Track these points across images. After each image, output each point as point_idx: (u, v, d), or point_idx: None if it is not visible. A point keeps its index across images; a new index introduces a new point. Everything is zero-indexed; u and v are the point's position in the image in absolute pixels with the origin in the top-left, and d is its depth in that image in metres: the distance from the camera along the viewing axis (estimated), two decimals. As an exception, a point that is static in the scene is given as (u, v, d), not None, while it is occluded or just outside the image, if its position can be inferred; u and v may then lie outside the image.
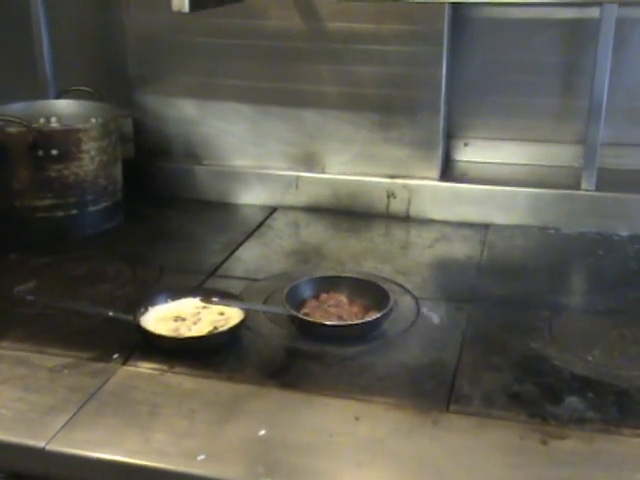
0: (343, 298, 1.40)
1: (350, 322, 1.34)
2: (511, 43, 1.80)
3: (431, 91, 1.75)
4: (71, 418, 1.12)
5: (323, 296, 1.41)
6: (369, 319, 1.33)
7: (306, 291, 1.41)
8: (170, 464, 1.04)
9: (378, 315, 1.33)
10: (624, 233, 1.72)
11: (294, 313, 1.33)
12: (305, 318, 1.33)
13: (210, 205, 1.93)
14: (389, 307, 1.34)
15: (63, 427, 1.10)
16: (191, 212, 1.89)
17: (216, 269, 1.59)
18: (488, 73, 1.84)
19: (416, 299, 1.44)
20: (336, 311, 1.36)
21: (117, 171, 1.80)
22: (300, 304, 1.38)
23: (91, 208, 1.74)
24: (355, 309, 1.37)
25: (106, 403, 1.16)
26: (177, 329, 1.30)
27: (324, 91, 1.81)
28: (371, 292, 1.40)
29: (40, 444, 1.07)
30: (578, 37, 1.75)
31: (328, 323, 1.33)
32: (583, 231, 1.74)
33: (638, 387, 1.19)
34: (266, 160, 1.90)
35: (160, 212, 1.89)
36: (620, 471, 1.02)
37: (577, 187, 1.75)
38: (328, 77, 1.79)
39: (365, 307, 1.38)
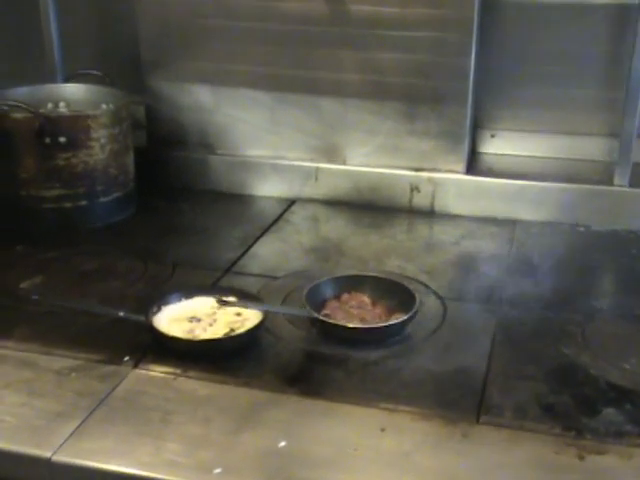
0: (366, 299, 1.33)
1: (374, 325, 1.27)
2: (543, 31, 1.72)
3: (459, 80, 1.67)
4: (79, 426, 1.06)
5: (345, 296, 1.34)
6: (394, 322, 1.26)
7: (327, 291, 1.35)
8: (184, 477, 0.98)
9: (404, 317, 1.26)
10: (657, 231, 1.66)
11: (315, 315, 1.27)
12: (327, 320, 1.26)
13: (225, 197, 1.86)
14: (415, 309, 1.27)
15: (71, 435, 1.04)
16: (205, 204, 1.82)
17: (232, 265, 1.52)
18: (517, 62, 1.76)
19: (442, 300, 1.38)
20: (358, 312, 1.29)
21: (129, 160, 1.73)
22: (321, 305, 1.32)
23: (101, 199, 1.67)
24: (378, 311, 1.31)
25: (116, 409, 1.10)
26: (192, 330, 1.24)
27: (346, 79, 1.73)
28: (395, 293, 1.33)
29: (46, 454, 1.01)
30: (614, 25, 1.67)
31: (351, 326, 1.26)
32: (615, 229, 1.67)
33: (678, 398, 1.12)
34: (284, 150, 1.83)
35: (173, 204, 1.82)
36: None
37: (610, 183, 1.68)
38: (350, 64, 1.71)
39: (389, 308, 1.31)
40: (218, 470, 0.99)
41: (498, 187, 1.73)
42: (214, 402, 1.11)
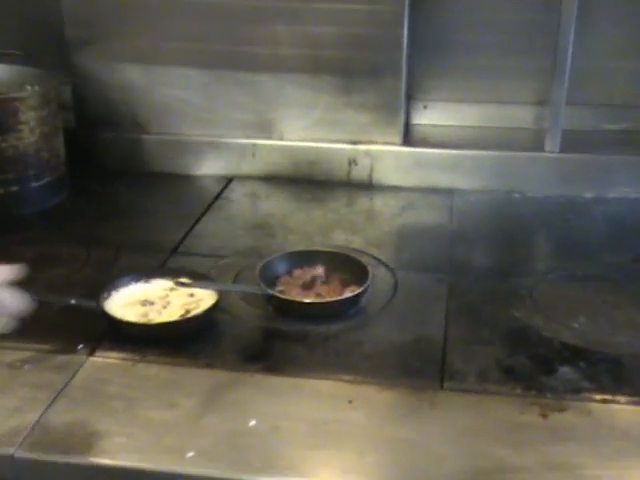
0: (319, 273, 1.33)
1: (331, 299, 1.27)
2: (472, 1, 1.74)
3: (393, 52, 1.68)
4: (39, 420, 1.02)
5: (297, 272, 1.33)
6: (350, 295, 1.26)
7: (280, 267, 1.34)
8: (156, 464, 0.96)
9: (359, 290, 1.26)
10: (588, 195, 1.70)
11: (272, 292, 1.26)
12: (284, 297, 1.26)
13: (161, 177, 1.81)
14: (369, 281, 1.28)
15: (31, 430, 1.00)
16: (141, 185, 1.78)
17: (177, 246, 1.49)
18: (447, 32, 1.77)
19: (392, 271, 1.38)
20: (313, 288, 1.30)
21: (59, 143, 1.67)
22: (274, 281, 1.31)
23: (33, 184, 1.61)
24: (333, 285, 1.30)
25: (76, 400, 1.06)
26: (146, 314, 1.21)
27: (281, 53, 1.71)
28: (347, 266, 1.33)
29: (8, 451, 0.97)
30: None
31: (307, 301, 1.26)
32: (549, 194, 1.71)
33: (627, 353, 1.17)
34: (220, 128, 1.79)
35: (107, 186, 1.76)
36: (622, 442, 0.99)
37: (541, 149, 1.72)
38: (285, 39, 1.69)
39: (343, 282, 1.31)
40: (191, 454, 0.97)
41: (434, 157, 1.75)
42: (177, 386, 1.09)
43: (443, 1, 1.76)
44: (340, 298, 1.27)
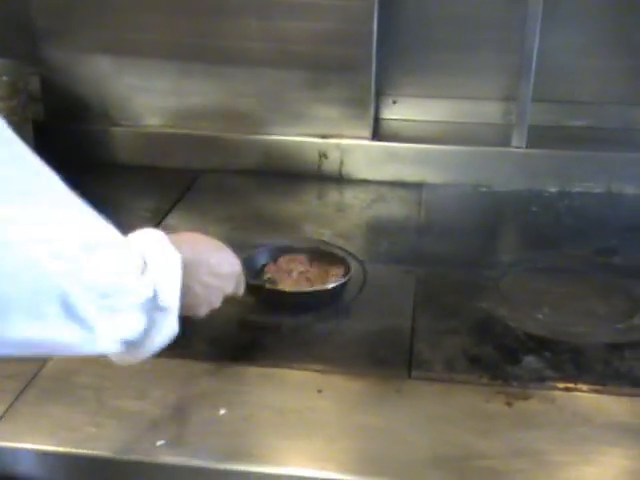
0: (303, 261, 1.35)
1: (318, 288, 1.28)
2: (440, -3, 1.77)
3: (362, 47, 1.69)
4: (8, 410, 1.02)
5: (280, 260, 1.35)
6: (337, 283, 1.28)
7: (260, 260, 1.35)
8: (127, 453, 0.97)
9: (343, 280, 1.28)
10: (553, 189, 1.73)
11: (265, 282, 1.28)
12: (275, 288, 1.27)
13: (130, 169, 1.81)
14: (350, 273, 1.30)
15: (1, 420, 1.00)
16: (110, 177, 1.77)
17: (147, 239, 1.49)
18: (416, 28, 1.79)
19: (361, 263, 1.40)
20: (299, 276, 1.31)
21: (29, 134, 1.66)
22: (256, 273, 1.32)
23: (2, 176, 1.60)
24: (318, 271, 1.33)
25: (47, 390, 1.07)
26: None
27: (251, 47, 1.71)
28: (326, 258, 1.35)
29: (-21, 440, 0.98)
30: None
31: (290, 290, 1.27)
32: (515, 188, 1.74)
33: (590, 343, 1.19)
34: (190, 120, 1.80)
35: (76, 178, 1.73)
36: (584, 428, 1.02)
37: (508, 144, 1.74)
38: (255, 33, 1.69)
39: (326, 271, 1.33)
40: (161, 442, 0.98)
41: (403, 152, 1.77)
42: (148, 376, 1.09)
43: (413, -2, 1.79)
44: (331, 286, 1.28)
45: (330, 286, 1.28)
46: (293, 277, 1.31)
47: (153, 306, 0.86)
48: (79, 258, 0.75)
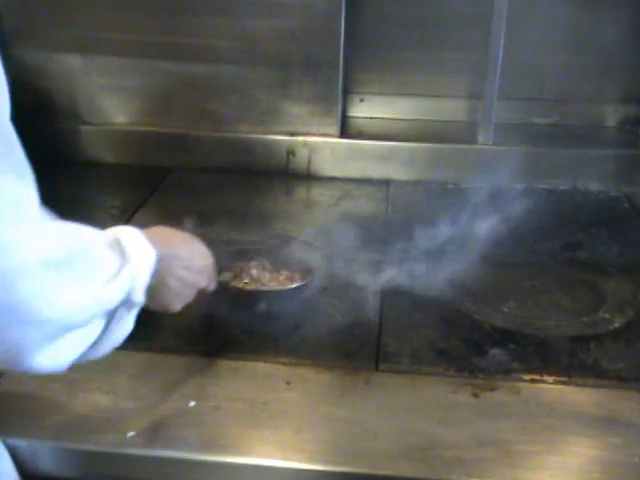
0: (263, 264, 1.34)
1: (276, 288, 1.28)
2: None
3: (330, 45, 1.71)
4: (-23, 402, 1.03)
5: (244, 264, 1.34)
6: (299, 284, 1.28)
7: (224, 257, 1.35)
8: (98, 444, 0.98)
9: (302, 283, 1.28)
10: (520, 186, 1.75)
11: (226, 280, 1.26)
12: (238, 286, 1.26)
13: (99, 167, 1.81)
14: (312, 273, 1.30)
15: (-30, 413, 1.01)
16: (78, 175, 1.77)
17: (116, 235, 1.49)
18: (384, 27, 1.81)
19: (329, 258, 1.40)
20: (259, 275, 1.31)
21: (-5, 132, 1.65)
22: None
23: (-32, 173, 1.59)
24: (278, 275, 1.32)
25: (17, 383, 1.07)
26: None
27: (218, 46, 1.72)
28: (292, 258, 1.35)
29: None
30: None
31: (255, 290, 1.27)
32: (481, 185, 1.75)
33: (554, 335, 1.21)
34: (158, 118, 1.80)
35: (44, 176, 1.72)
36: (549, 419, 1.04)
37: (474, 141, 1.77)
38: (222, 31, 1.71)
39: (287, 276, 1.32)
40: (131, 433, 0.99)
41: (371, 149, 1.79)
42: (118, 369, 1.10)
43: (379, -4, 1.80)
44: (284, 288, 1.27)
45: (287, 287, 1.28)
46: (253, 276, 1.31)
47: (124, 301, 0.86)
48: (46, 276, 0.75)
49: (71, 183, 1.73)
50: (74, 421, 1.00)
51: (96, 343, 0.86)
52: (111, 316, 0.86)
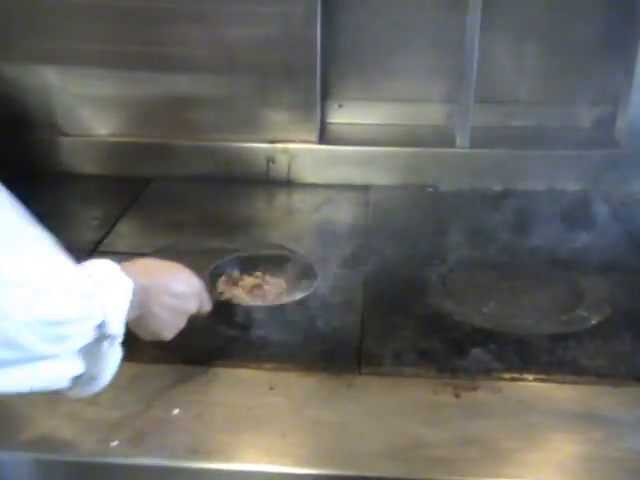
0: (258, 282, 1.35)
1: (275, 304, 1.29)
2: (383, 1, 1.79)
3: (307, 52, 1.72)
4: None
5: (241, 276, 1.36)
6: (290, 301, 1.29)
7: (217, 269, 1.35)
8: (81, 454, 0.98)
9: (302, 295, 1.29)
10: (498, 188, 1.77)
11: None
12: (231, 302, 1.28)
13: (78, 178, 1.81)
14: (315, 284, 1.31)
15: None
16: (57, 186, 1.77)
17: (97, 246, 1.50)
18: (360, 33, 1.82)
19: (311, 264, 1.41)
20: (257, 291, 1.32)
21: (-27, 145, 1.66)
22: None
23: (-56, 187, 1.58)
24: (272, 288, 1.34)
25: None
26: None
27: (196, 54, 1.73)
28: (289, 268, 1.37)
29: None
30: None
31: (247, 304, 1.28)
32: (460, 188, 1.78)
33: (534, 334, 1.23)
34: (136, 128, 1.81)
35: (22, 188, 1.71)
36: (530, 416, 1.05)
37: (452, 145, 1.78)
38: (199, 40, 1.72)
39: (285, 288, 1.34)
40: (115, 443, 0.99)
41: (350, 155, 1.80)
42: (100, 379, 1.11)
43: (355, 2, 1.80)
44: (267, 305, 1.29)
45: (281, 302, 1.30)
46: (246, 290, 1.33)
47: (100, 335, 0.87)
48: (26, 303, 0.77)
49: (50, 195, 1.72)
50: (56, 432, 1.00)
51: (81, 377, 0.88)
52: (92, 351, 0.88)
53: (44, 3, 1.72)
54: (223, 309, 1.26)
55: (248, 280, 1.35)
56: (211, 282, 1.31)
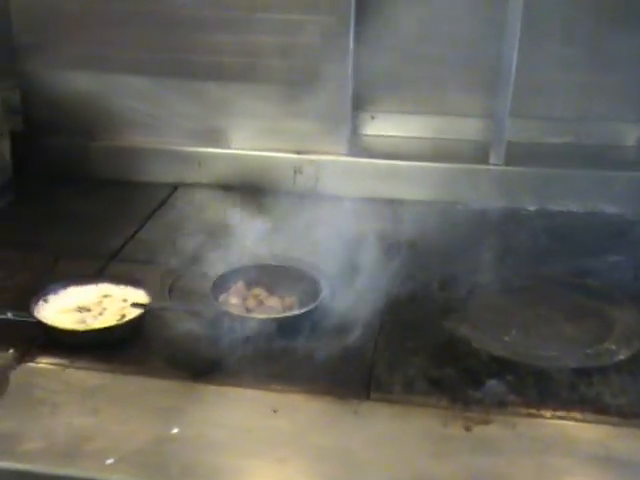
0: (265, 289, 1.34)
1: (284, 315, 1.27)
2: (418, 13, 1.76)
3: (338, 62, 1.69)
4: (-39, 424, 1.02)
5: (244, 286, 1.34)
6: (300, 311, 1.27)
7: (228, 281, 1.34)
8: (76, 469, 0.97)
9: (309, 307, 1.27)
10: (532, 208, 1.72)
11: (224, 309, 1.26)
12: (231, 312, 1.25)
13: (106, 184, 1.81)
14: (321, 297, 1.30)
15: (-48, 435, 1.00)
16: (87, 191, 1.77)
17: (117, 253, 1.50)
18: (396, 44, 1.78)
19: (332, 280, 1.38)
20: (259, 303, 1.30)
21: (5, 146, 1.67)
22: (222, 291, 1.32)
23: (-22, 187, 1.61)
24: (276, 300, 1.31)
25: (3, 405, 1.06)
26: (83, 320, 1.22)
27: (225, 62, 1.72)
28: (297, 281, 1.35)
29: None
30: (486, 6, 1.71)
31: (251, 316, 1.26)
32: (492, 206, 1.73)
33: (556, 367, 1.17)
34: (166, 135, 1.80)
35: (53, 192, 1.76)
36: (544, 456, 1.00)
37: (486, 161, 1.74)
38: (229, 48, 1.70)
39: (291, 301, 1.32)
40: (110, 460, 0.97)
41: (379, 168, 1.77)
42: (103, 392, 1.10)
43: (390, 11, 1.77)
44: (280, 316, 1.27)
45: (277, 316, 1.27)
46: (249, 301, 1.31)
47: None
48: None
49: (79, 199, 1.74)
50: (53, 446, 0.99)
51: None
52: None
53: (77, 10, 1.73)
54: (227, 322, 1.24)
55: (254, 292, 1.33)
56: (216, 293, 1.30)
